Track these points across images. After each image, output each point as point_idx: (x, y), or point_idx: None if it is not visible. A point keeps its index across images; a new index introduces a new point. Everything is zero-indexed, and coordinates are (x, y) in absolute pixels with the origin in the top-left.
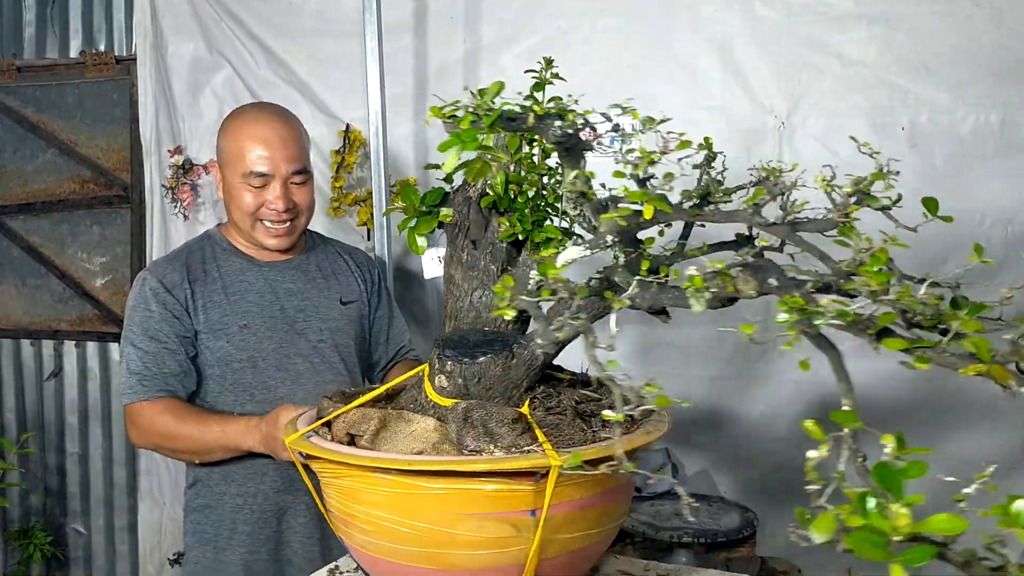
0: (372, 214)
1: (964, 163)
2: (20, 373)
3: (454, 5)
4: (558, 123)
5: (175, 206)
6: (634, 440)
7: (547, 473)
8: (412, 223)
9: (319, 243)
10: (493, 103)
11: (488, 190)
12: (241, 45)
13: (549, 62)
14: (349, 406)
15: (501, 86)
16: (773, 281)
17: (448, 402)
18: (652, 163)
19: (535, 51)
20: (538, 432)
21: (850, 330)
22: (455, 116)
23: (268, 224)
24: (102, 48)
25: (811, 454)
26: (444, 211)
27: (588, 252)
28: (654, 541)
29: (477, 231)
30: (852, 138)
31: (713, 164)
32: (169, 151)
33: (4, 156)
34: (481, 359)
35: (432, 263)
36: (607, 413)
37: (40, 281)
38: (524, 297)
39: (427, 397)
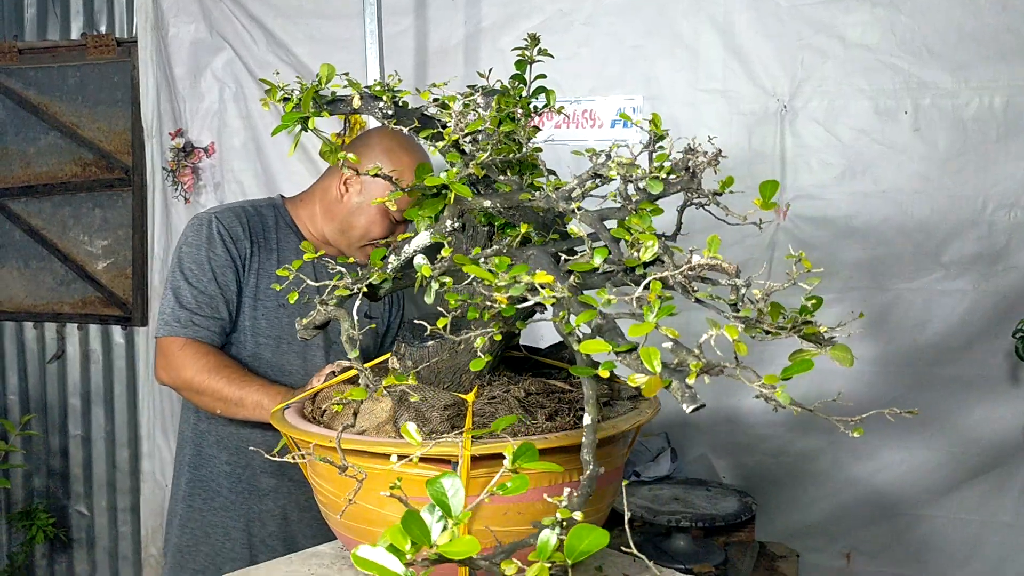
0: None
1: (967, 147)
2: (23, 355)
3: None
4: (381, 104)
5: (176, 189)
6: (550, 441)
7: (477, 458)
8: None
9: None
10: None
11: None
12: (241, 26)
13: (535, 40)
14: (330, 382)
15: (331, 70)
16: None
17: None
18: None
19: (536, 32)
20: (467, 421)
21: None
22: (287, 99)
23: (366, 247)
24: (103, 30)
25: None
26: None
27: (431, 239)
28: (652, 525)
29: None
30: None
31: (660, 145)
32: (170, 134)
33: (6, 138)
34: (429, 343)
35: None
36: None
37: (42, 264)
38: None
39: None
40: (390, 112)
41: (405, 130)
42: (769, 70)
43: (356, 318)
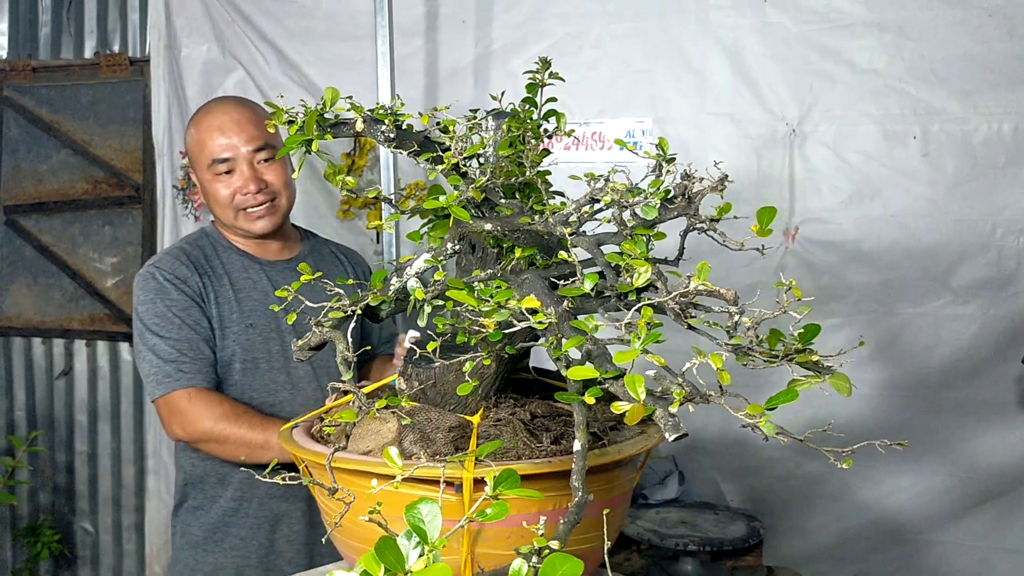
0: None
1: (976, 172)
2: (31, 371)
3: (465, 9)
4: (383, 127)
5: (186, 207)
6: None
7: (481, 481)
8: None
9: (317, 244)
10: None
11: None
12: (253, 47)
13: (546, 64)
14: (338, 401)
15: (336, 94)
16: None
17: (395, 403)
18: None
19: (546, 55)
20: (472, 442)
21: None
22: (292, 122)
23: (248, 210)
24: (116, 49)
25: None
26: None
27: (432, 261)
28: (660, 549)
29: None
30: None
31: (668, 169)
32: (181, 152)
33: (18, 155)
34: (435, 364)
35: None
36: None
37: (52, 280)
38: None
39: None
40: (392, 135)
41: (405, 153)
42: (778, 94)
43: (351, 340)
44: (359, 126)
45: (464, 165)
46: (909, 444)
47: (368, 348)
